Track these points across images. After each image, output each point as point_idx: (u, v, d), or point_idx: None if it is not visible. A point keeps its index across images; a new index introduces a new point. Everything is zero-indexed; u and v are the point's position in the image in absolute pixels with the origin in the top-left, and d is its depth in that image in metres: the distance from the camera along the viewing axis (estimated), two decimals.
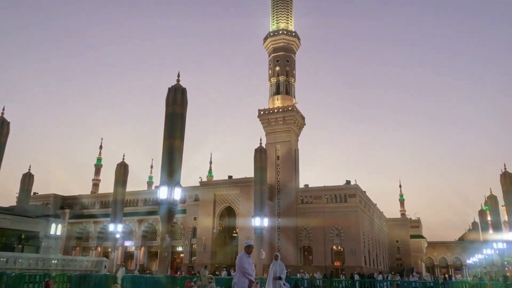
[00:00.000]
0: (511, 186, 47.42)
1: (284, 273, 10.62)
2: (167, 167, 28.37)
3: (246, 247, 8.75)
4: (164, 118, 30.46)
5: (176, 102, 30.30)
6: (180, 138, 29.76)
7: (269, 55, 70.01)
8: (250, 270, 8.09)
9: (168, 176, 28.02)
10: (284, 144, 63.20)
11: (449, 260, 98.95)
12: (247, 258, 8.30)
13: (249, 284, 8.13)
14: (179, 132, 29.87)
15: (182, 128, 30.33)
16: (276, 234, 58.89)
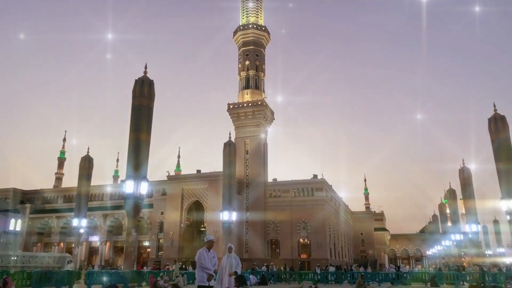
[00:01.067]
0: (469, 181, 49.58)
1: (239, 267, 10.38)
2: (133, 161, 27.87)
3: (206, 242, 9.01)
4: (131, 111, 29.86)
5: (143, 95, 29.74)
6: (147, 131, 29.27)
7: (239, 49, 69.80)
8: (208, 265, 8.42)
9: (134, 170, 27.54)
10: (253, 139, 63.38)
11: (411, 252, 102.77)
12: (206, 253, 8.62)
13: (208, 278, 8.43)
14: (146, 125, 29.36)
15: (149, 121, 29.83)
16: (244, 228, 59.15)
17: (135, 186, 27.24)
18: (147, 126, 29.51)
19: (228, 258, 10.18)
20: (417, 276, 32.33)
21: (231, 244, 10.94)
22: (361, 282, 24.73)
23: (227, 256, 10.25)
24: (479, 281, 28.69)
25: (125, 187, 27.76)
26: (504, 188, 34.80)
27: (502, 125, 35.92)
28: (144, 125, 29.30)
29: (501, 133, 35.65)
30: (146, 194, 29.40)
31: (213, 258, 8.74)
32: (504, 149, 35.18)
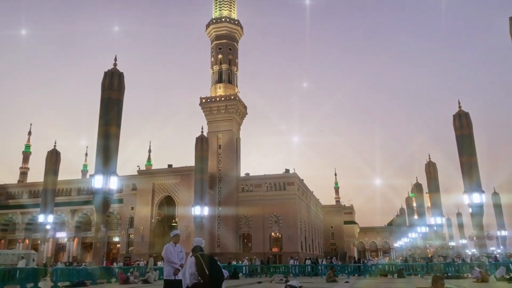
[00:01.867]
0: (434, 175, 51.40)
1: None
2: (103, 155, 27.32)
3: (173, 237, 9.13)
4: (100, 104, 29.17)
5: (113, 87, 29.12)
6: (116, 124, 28.70)
7: (212, 43, 69.20)
8: (174, 259, 8.58)
9: (103, 164, 27.00)
10: (226, 133, 63.16)
11: (379, 244, 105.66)
12: (173, 248, 8.80)
13: (174, 272, 8.55)
14: (115, 118, 28.79)
15: (119, 115, 29.25)
16: (216, 222, 59.05)
17: (104, 181, 26.75)
18: (116, 119, 28.95)
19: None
20: (384, 267, 33.26)
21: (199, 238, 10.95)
22: (331, 274, 25.24)
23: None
24: (443, 272, 29.83)
25: (94, 182, 27.24)
26: (466, 182, 36.30)
27: (466, 121, 37.38)
28: (114, 118, 28.73)
29: (464, 129, 37.10)
30: (115, 189, 28.91)
31: (180, 253, 8.90)
32: (467, 145, 36.65)
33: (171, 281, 8.62)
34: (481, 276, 22.33)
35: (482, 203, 35.90)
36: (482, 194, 36.01)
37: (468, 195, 35.95)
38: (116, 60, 30.21)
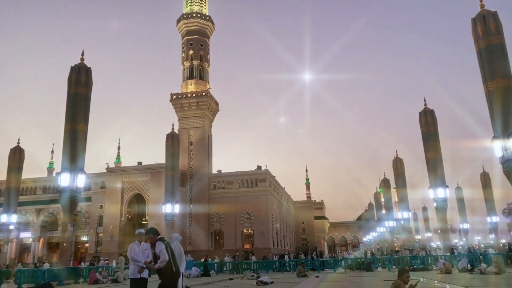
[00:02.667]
0: (401, 171, 52.85)
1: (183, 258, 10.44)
2: (69, 152, 26.60)
3: (136, 235, 9.14)
4: (66, 100, 28.35)
5: (80, 83, 28.36)
6: (84, 121, 28.00)
7: (183, 38, 68.39)
8: (139, 258, 8.64)
9: (70, 162, 26.31)
10: (197, 130, 62.67)
11: (348, 239, 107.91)
12: (138, 246, 8.85)
13: (139, 270, 8.58)
14: (83, 114, 28.08)
15: (87, 111, 28.54)
16: (188, 220, 58.62)
17: (71, 179, 26.07)
18: (84, 116, 28.24)
19: None
20: (354, 261, 34.01)
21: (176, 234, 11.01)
22: (301, 269, 25.60)
23: None
24: (409, 264, 30.82)
25: (60, 180, 26.49)
26: (432, 178, 37.60)
27: (431, 118, 38.64)
28: (81, 114, 28.01)
29: (430, 126, 38.35)
30: (83, 187, 28.25)
31: (146, 251, 8.91)
32: (432, 141, 37.92)
33: (137, 279, 8.66)
34: (445, 268, 23.24)
35: (446, 197, 37.28)
36: (446, 189, 37.39)
37: (433, 190, 37.25)
38: (83, 55, 29.39)
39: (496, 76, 25.50)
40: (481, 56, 26.81)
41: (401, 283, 7.71)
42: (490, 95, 25.93)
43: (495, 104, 25.29)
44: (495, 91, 25.38)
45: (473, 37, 27.52)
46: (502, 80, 25.22)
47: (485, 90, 26.53)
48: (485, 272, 20.60)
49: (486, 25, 26.59)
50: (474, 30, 27.25)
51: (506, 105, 24.91)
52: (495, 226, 60.83)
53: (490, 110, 26.03)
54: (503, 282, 16.14)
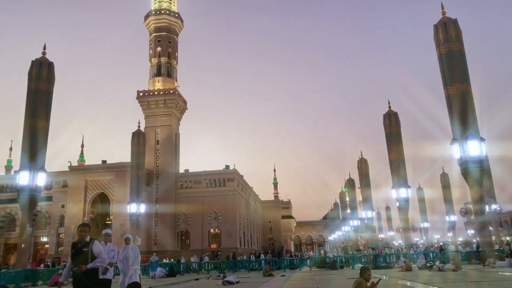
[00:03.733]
0: (366, 171, 54.18)
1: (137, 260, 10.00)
2: (29, 150, 25.57)
3: (103, 235, 8.91)
4: (26, 95, 27.22)
5: (41, 77, 27.30)
6: (45, 117, 26.98)
7: (150, 34, 67.16)
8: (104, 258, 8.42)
9: (30, 159, 25.29)
10: (164, 128, 61.72)
11: (314, 238, 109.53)
12: (103, 247, 8.58)
13: (103, 271, 8.41)
14: (44, 110, 27.05)
15: (48, 107, 27.52)
16: (154, 220, 57.64)
17: (30, 177, 25.08)
18: (45, 112, 27.22)
19: (125, 251, 9.86)
20: (318, 259, 34.54)
21: (129, 235, 10.55)
22: (268, 268, 25.74)
23: (124, 248, 9.93)
24: (372, 262, 31.61)
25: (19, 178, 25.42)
26: (394, 178, 38.81)
27: (395, 120, 39.87)
28: (42, 110, 26.98)
29: (393, 128, 39.56)
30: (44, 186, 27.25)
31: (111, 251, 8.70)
32: (395, 143, 39.14)
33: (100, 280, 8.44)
34: (406, 265, 24.00)
35: (408, 197, 38.61)
36: (408, 189, 38.72)
37: (396, 190, 38.47)
38: (45, 49, 28.31)
39: (455, 81, 26.61)
40: (442, 61, 27.93)
41: (363, 281, 7.90)
42: (450, 99, 27.03)
43: (454, 108, 26.40)
44: (454, 95, 26.48)
45: (435, 43, 28.63)
46: (461, 85, 26.35)
47: (445, 94, 27.65)
48: (443, 269, 21.42)
49: (447, 31, 27.71)
50: (436, 36, 28.37)
51: (464, 109, 26.04)
52: (453, 225, 63.50)
53: (450, 113, 27.16)
54: (460, 278, 16.85)
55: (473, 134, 25.48)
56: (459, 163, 26.32)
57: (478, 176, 25.74)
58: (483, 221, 27.08)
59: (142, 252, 49.15)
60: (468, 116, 25.88)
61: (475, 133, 25.61)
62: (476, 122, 26.10)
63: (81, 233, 7.62)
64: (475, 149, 25.35)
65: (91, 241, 7.49)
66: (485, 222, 27.94)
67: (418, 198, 66.14)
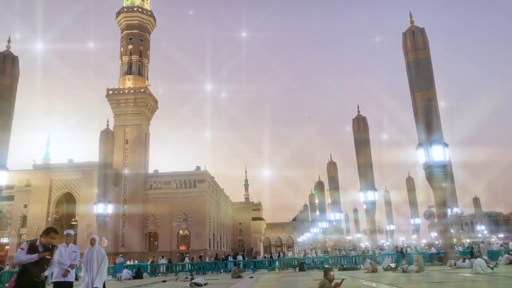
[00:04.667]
0: (335, 174, 55.04)
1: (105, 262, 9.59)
2: None
3: (64, 236, 8.61)
4: None
5: (4, 72, 26.31)
6: (8, 113, 26.00)
7: (122, 32, 65.90)
8: (64, 260, 8.14)
9: None
10: (134, 127, 60.63)
11: (283, 239, 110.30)
12: (64, 248, 8.32)
13: (64, 273, 8.12)
14: (7, 106, 26.07)
15: (11, 103, 26.53)
16: (121, 221, 56.48)
17: None
18: (8, 108, 26.22)
19: (90, 252, 9.50)
20: (288, 261, 34.79)
21: (95, 235, 10.15)
22: (236, 270, 25.71)
23: (89, 250, 9.56)
24: (340, 264, 32.13)
25: None
26: (362, 181, 39.63)
27: (363, 125, 40.74)
28: (5, 106, 25.98)
29: (362, 133, 40.42)
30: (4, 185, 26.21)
31: (73, 253, 8.42)
32: (363, 147, 40.01)
33: (60, 283, 8.20)
34: (371, 266, 24.53)
35: (375, 200, 39.51)
36: (375, 192, 39.60)
37: (363, 193, 39.28)
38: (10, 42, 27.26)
39: (422, 88, 27.51)
40: (410, 68, 28.82)
41: (327, 281, 8.05)
42: (416, 106, 27.91)
43: (420, 114, 27.28)
44: (420, 102, 27.35)
45: (403, 50, 29.51)
46: (427, 92, 27.27)
47: (412, 101, 28.53)
48: (407, 270, 22.04)
49: (415, 40, 28.62)
50: (404, 44, 29.24)
51: (430, 115, 26.95)
52: (418, 227, 65.47)
53: (416, 119, 28.04)
54: (423, 279, 17.38)
55: (438, 139, 26.38)
56: (424, 167, 27.17)
57: (442, 180, 26.67)
58: (445, 224, 28.09)
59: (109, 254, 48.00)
60: (433, 122, 26.80)
61: (439, 139, 26.51)
62: (440, 128, 27.05)
63: (53, 240, 7.41)
64: (439, 154, 26.24)
65: (54, 248, 7.29)
66: (447, 225, 28.98)
67: (385, 201, 67.79)
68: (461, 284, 13.91)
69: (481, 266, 18.28)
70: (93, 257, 9.33)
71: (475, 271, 18.20)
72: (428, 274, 20.49)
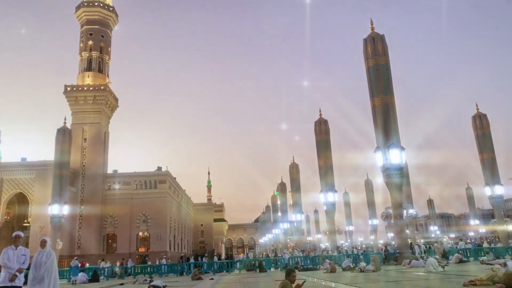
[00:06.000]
0: (297, 175, 55.85)
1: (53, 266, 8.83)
2: None
3: (13, 238, 8.19)
4: None
5: None
6: None
7: (82, 27, 63.65)
8: (12, 264, 7.76)
9: None
10: (93, 126, 58.65)
11: (245, 240, 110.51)
12: (13, 251, 7.93)
13: (11, 278, 7.76)
14: None
15: None
16: (78, 222, 54.45)
17: None
18: None
19: (39, 255, 8.85)
20: (248, 262, 34.89)
21: (46, 237, 9.49)
22: (196, 272, 25.48)
23: (39, 252, 8.95)
24: (299, 264, 32.59)
25: None
26: (323, 183, 40.42)
27: (325, 128, 41.60)
28: None
29: (323, 135, 41.26)
30: None
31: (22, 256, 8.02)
32: (324, 149, 40.84)
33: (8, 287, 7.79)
34: (330, 267, 25.02)
35: (335, 201, 40.41)
36: (335, 194, 40.50)
37: (323, 194, 40.07)
38: None
39: (380, 93, 28.43)
40: (370, 73, 29.72)
41: (288, 282, 8.11)
42: (375, 110, 28.80)
43: (378, 119, 28.18)
44: (379, 106, 28.26)
45: (364, 56, 30.39)
46: (385, 96, 28.22)
47: (371, 105, 29.43)
48: (364, 270, 22.65)
49: (375, 46, 29.56)
50: (365, 49, 30.13)
51: (388, 120, 27.90)
52: (375, 228, 67.53)
53: (375, 123, 28.94)
54: (379, 278, 17.93)
55: (395, 143, 27.36)
56: (381, 170, 28.08)
57: (398, 183, 27.66)
58: (401, 224, 29.15)
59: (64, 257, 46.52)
60: (391, 127, 27.77)
61: (397, 142, 27.51)
62: (397, 132, 28.08)
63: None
64: (396, 158, 27.22)
65: None
66: (403, 225, 30.08)
67: (344, 202, 69.42)
68: (414, 283, 14.46)
69: (433, 265, 19.11)
70: (41, 260, 8.70)
71: (427, 270, 19.00)
72: (384, 273, 21.17)
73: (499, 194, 38.65)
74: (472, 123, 40.55)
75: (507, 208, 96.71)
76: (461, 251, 31.91)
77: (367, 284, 15.20)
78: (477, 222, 76.24)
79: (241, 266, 32.83)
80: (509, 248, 33.94)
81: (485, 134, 39.39)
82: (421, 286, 12.91)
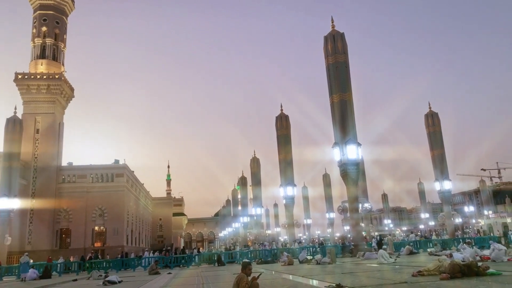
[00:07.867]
0: (257, 169, 56.18)
1: None
2: None
3: None
4: None
5: None
6: None
7: (35, 12, 60.48)
8: None
9: None
10: (46, 116, 56.10)
11: (205, 234, 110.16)
12: None
13: None
14: None
15: None
16: (29, 217, 52.09)
17: None
18: None
19: None
20: (207, 256, 34.85)
21: None
22: (154, 266, 25.17)
23: None
24: (260, 257, 32.94)
25: None
26: (282, 177, 40.98)
27: (286, 123, 42.10)
28: None
29: (283, 130, 41.76)
30: None
31: None
32: (284, 144, 41.38)
33: None
34: (288, 260, 25.48)
35: (293, 195, 41.10)
36: (294, 188, 41.18)
37: (283, 188, 40.64)
38: None
39: (339, 90, 29.13)
40: (329, 71, 30.35)
41: (244, 275, 8.20)
42: (333, 107, 29.50)
43: (337, 115, 28.91)
44: (337, 103, 28.96)
45: (324, 53, 30.97)
46: (343, 94, 28.95)
47: (330, 102, 30.09)
48: (320, 262, 23.27)
49: (335, 43, 30.18)
50: (325, 47, 30.70)
51: (345, 116, 28.67)
52: (332, 221, 69.34)
53: (333, 120, 29.65)
54: (335, 270, 18.47)
55: (352, 139, 28.18)
56: (339, 165, 28.85)
57: (355, 177, 28.55)
58: (357, 218, 30.14)
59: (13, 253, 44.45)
60: (348, 123, 28.56)
61: (354, 138, 28.34)
62: (355, 128, 28.91)
63: None
64: (353, 153, 28.06)
65: None
66: (358, 219, 31.12)
67: (303, 196, 70.72)
68: (368, 274, 15.03)
69: (383, 257, 19.97)
70: None
71: (379, 262, 19.80)
72: (340, 265, 21.84)
73: (447, 189, 40.82)
74: (424, 121, 42.43)
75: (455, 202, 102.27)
76: (411, 243, 33.45)
77: (324, 276, 15.63)
78: (427, 216, 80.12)
79: (200, 260, 32.72)
80: (455, 240, 36.03)
81: (436, 132, 41.37)
82: (374, 277, 13.44)
